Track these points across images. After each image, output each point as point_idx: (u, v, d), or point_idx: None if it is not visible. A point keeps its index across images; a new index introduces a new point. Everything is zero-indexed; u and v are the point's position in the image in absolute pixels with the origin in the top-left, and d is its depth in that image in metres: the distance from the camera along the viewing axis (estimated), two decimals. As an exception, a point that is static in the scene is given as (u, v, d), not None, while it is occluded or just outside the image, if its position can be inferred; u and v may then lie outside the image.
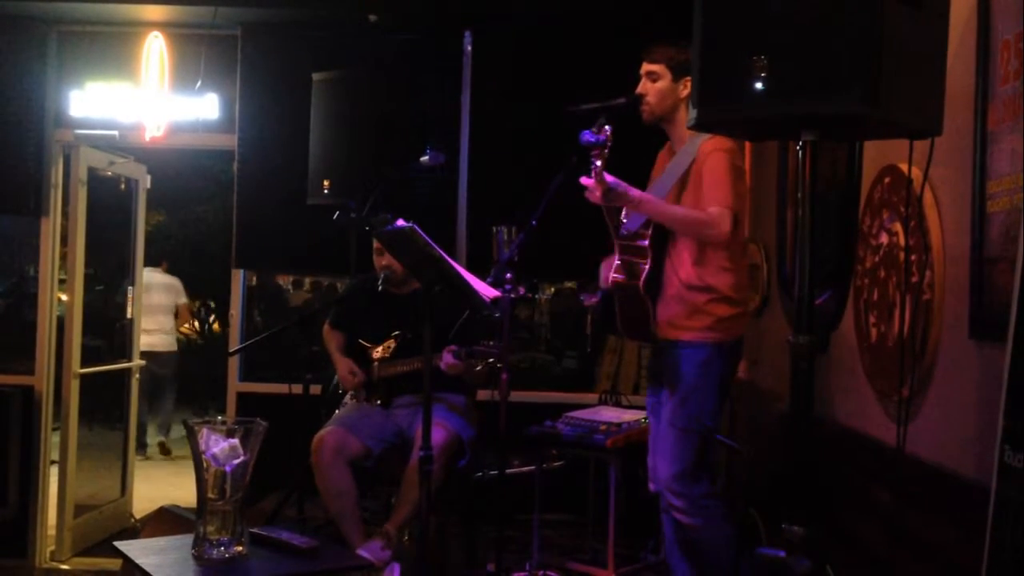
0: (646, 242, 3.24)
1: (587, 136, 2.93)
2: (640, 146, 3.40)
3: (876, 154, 3.14)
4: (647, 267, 3.25)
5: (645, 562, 4.17)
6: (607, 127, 2.92)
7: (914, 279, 2.72)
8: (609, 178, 2.99)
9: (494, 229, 3.60)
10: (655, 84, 3.24)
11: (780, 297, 4.20)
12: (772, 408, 4.22)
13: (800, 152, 2.21)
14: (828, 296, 3.50)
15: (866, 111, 1.98)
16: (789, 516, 2.14)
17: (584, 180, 3.01)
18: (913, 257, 2.73)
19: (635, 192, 3.07)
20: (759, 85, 2.04)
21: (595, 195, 3.03)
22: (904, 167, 2.69)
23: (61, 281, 5.56)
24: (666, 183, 3.28)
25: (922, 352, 2.66)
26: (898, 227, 2.85)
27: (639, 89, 3.26)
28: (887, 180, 2.98)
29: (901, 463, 2.58)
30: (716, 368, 3.20)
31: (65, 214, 5.42)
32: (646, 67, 3.26)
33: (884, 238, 2.98)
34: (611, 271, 3.35)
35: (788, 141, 3.65)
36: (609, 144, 2.92)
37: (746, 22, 2.09)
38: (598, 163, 2.93)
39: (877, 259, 3.04)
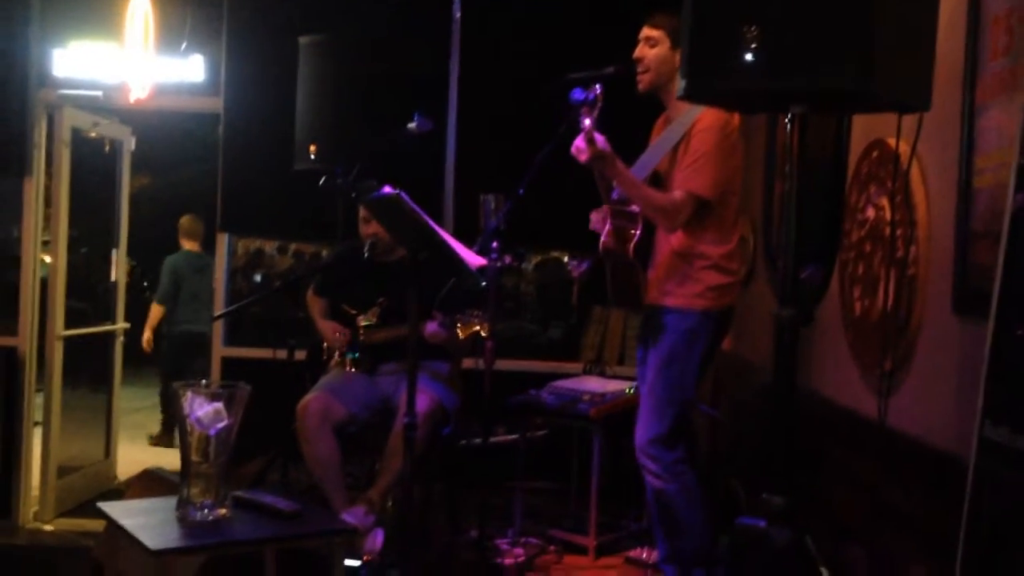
0: (638, 207, 3.24)
1: (576, 94, 2.92)
2: (633, 117, 3.38)
3: (864, 128, 3.14)
4: (637, 233, 3.26)
5: (627, 530, 4.20)
6: (597, 86, 2.91)
7: (899, 254, 2.73)
8: (600, 141, 2.97)
9: (481, 197, 3.59)
10: (653, 49, 3.21)
11: (766, 270, 4.21)
12: (756, 380, 4.24)
13: (788, 125, 2.21)
14: (813, 269, 3.51)
15: (859, 86, 1.97)
16: (770, 487, 2.16)
17: (577, 141, 2.99)
18: (899, 232, 2.74)
19: (620, 163, 3.06)
20: (749, 57, 2.03)
21: (583, 157, 3.02)
22: (891, 141, 2.69)
23: (45, 243, 5.52)
24: (658, 152, 3.28)
25: (905, 326, 2.67)
26: (884, 201, 2.86)
27: (636, 53, 3.23)
28: (874, 154, 2.98)
29: (882, 436, 2.61)
30: (702, 337, 3.20)
31: (49, 175, 5.37)
32: (646, 32, 3.23)
33: (870, 212, 2.99)
34: (603, 235, 3.35)
35: (777, 114, 3.64)
36: (600, 104, 2.91)
37: (737, -7, 2.08)
38: (586, 121, 2.92)
39: (863, 233, 3.05)
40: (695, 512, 3.22)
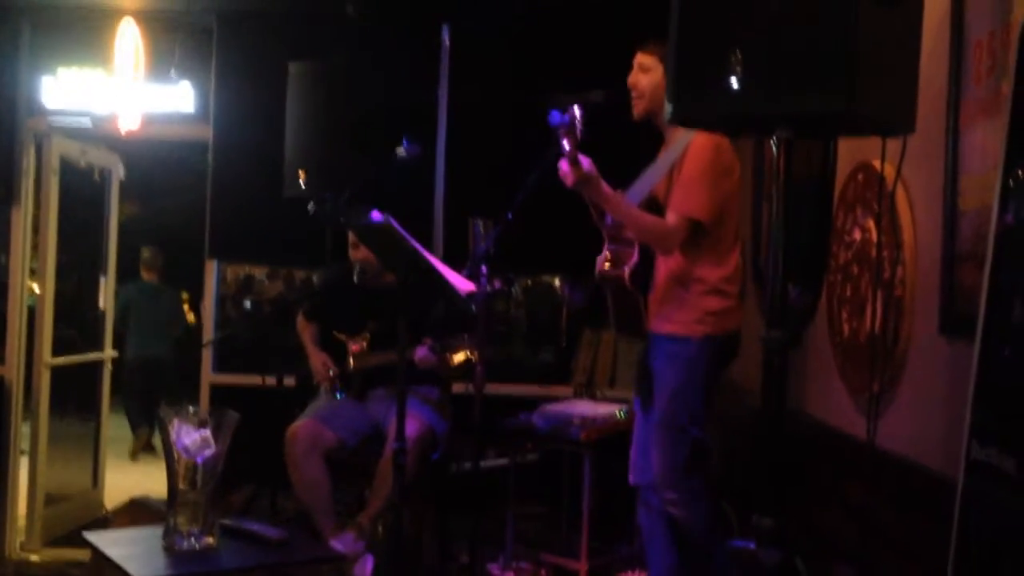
0: (630, 232, 3.23)
1: (554, 117, 2.92)
2: (631, 143, 3.38)
3: (850, 151, 3.16)
4: (634, 257, 3.24)
5: (618, 554, 4.18)
6: (575, 108, 2.90)
7: (886, 276, 2.74)
8: (585, 164, 2.98)
9: (470, 222, 3.59)
10: (646, 76, 3.21)
11: (755, 292, 4.22)
12: (745, 402, 4.24)
13: (775, 149, 2.22)
14: (801, 292, 3.52)
15: (843, 109, 1.99)
16: (760, 508, 2.16)
17: (562, 165, 2.99)
18: (885, 254, 2.75)
19: (606, 187, 3.06)
20: (734, 81, 2.05)
21: (569, 180, 3.01)
22: (877, 164, 2.71)
23: (32, 271, 5.51)
24: (654, 177, 3.26)
25: (893, 348, 2.68)
26: (871, 224, 2.88)
27: (630, 80, 3.23)
28: (860, 177, 3.00)
29: (871, 457, 2.61)
30: (703, 363, 3.13)
31: (37, 203, 5.36)
32: (639, 58, 3.24)
33: (857, 234, 3.01)
34: (600, 261, 3.33)
35: (763, 138, 3.67)
36: (579, 125, 2.91)
37: (723, 17, 2.10)
38: (565, 143, 2.92)
39: (850, 255, 3.06)
40: (716, 538, 3.18)
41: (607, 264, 3.30)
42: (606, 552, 4.16)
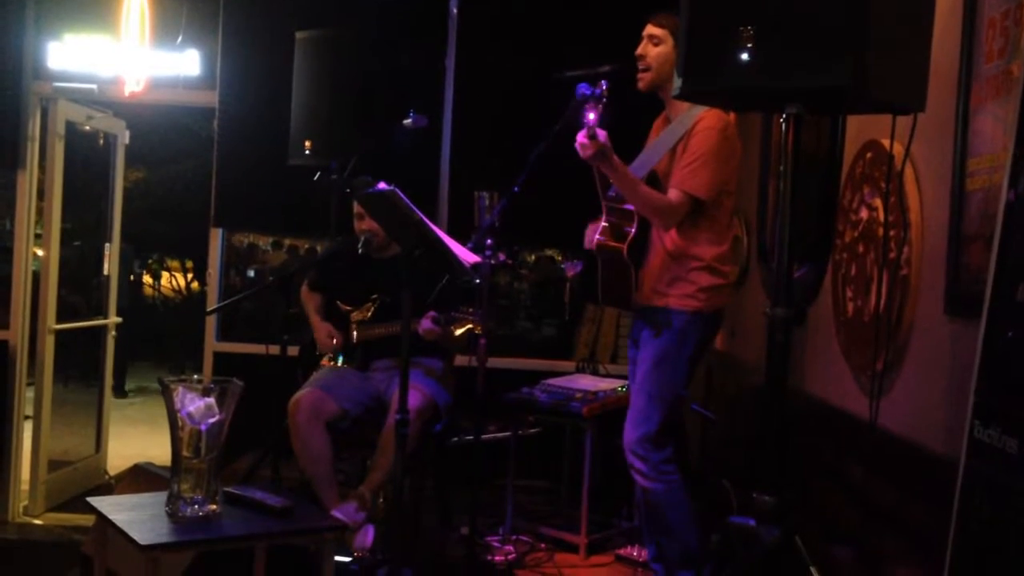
0: (633, 206, 3.24)
1: (583, 88, 2.93)
2: (631, 116, 3.36)
3: (858, 129, 3.14)
4: (632, 231, 3.26)
5: (618, 528, 4.21)
6: (604, 82, 2.91)
7: (892, 255, 2.73)
8: (602, 136, 2.98)
9: (476, 194, 3.59)
10: (656, 48, 3.21)
11: (759, 269, 4.22)
12: (748, 380, 4.25)
13: (783, 125, 2.21)
14: (807, 269, 3.51)
15: (853, 86, 1.98)
16: (761, 486, 2.17)
17: (580, 136, 2.99)
18: (892, 233, 2.74)
19: (617, 161, 3.06)
20: (745, 56, 2.03)
21: (586, 152, 3.01)
22: (886, 143, 2.69)
23: (37, 236, 5.51)
24: (657, 152, 3.27)
25: (897, 327, 2.68)
26: (878, 202, 2.86)
27: (639, 51, 3.24)
28: (869, 155, 2.99)
29: (873, 436, 2.61)
30: (692, 338, 3.22)
31: (42, 168, 5.36)
32: (650, 29, 3.23)
33: (864, 213, 3.00)
34: (596, 233, 3.35)
35: (772, 114, 3.65)
36: (605, 99, 2.91)
37: (734, -8, 2.08)
38: (590, 116, 2.91)
39: (856, 234, 3.05)
40: (681, 513, 3.22)
41: (606, 237, 3.33)
42: (606, 526, 4.18)
